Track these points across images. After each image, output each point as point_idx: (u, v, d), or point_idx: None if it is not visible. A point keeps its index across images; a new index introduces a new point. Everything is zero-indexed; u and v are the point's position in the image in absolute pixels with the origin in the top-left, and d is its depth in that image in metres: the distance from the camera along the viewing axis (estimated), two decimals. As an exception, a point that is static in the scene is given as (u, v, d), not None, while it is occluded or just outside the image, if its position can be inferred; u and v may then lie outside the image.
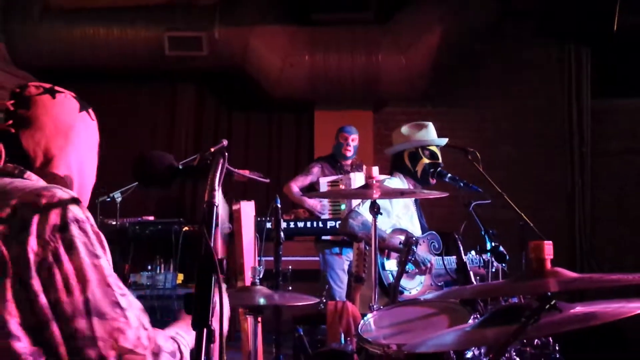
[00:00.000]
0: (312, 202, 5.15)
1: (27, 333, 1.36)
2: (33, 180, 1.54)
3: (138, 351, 1.41)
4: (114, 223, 4.65)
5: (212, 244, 1.36)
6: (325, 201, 5.17)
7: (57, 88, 1.65)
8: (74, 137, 1.62)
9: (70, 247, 1.40)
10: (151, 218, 5.19)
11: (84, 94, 1.72)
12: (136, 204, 5.11)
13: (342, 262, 4.99)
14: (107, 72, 6.76)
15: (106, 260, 1.46)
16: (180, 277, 5.03)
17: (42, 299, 1.36)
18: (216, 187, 1.43)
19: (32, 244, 1.37)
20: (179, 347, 1.55)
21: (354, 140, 5.32)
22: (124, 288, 1.47)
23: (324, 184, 5.13)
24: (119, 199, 4.47)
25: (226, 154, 1.54)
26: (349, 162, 5.38)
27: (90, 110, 1.71)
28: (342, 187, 4.97)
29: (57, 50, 6.41)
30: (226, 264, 1.40)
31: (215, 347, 1.37)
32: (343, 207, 5.04)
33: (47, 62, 6.52)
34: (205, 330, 1.28)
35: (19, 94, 1.60)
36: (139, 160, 1.61)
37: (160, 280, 4.87)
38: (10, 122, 1.58)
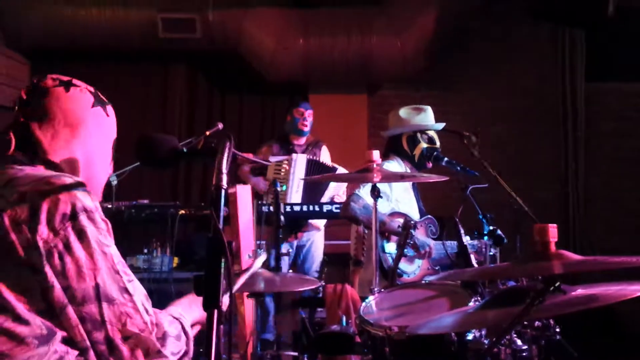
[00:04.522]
0: (255, 180, 4.92)
1: (37, 317, 1.38)
2: (41, 169, 1.56)
3: (144, 335, 1.46)
4: (110, 206, 4.62)
5: (220, 226, 1.36)
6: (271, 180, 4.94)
7: (74, 81, 1.68)
8: (83, 131, 1.64)
9: (81, 235, 1.43)
10: (146, 201, 5.17)
11: (76, 75, 1.73)
12: (131, 187, 5.08)
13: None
14: (99, 53, 6.68)
15: (114, 248, 1.49)
16: (176, 260, 5.03)
17: (57, 286, 1.39)
18: (224, 170, 1.43)
19: (42, 231, 1.39)
20: (183, 328, 1.58)
21: (310, 115, 5.18)
22: (130, 274, 1.52)
23: (271, 165, 4.93)
24: (115, 182, 4.42)
25: (232, 137, 1.54)
26: (302, 141, 5.24)
27: (107, 107, 1.73)
28: (286, 167, 4.84)
29: (49, 31, 6.32)
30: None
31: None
32: (284, 188, 4.85)
33: (39, 43, 6.44)
34: (215, 311, 1.28)
35: (35, 84, 1.63)
36: (142, 141, 1.61)
37: (156, 263, 4.86)
38: (21, 110, 1.61)
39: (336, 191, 4.97)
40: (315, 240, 5.02)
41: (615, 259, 1.52)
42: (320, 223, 5.03)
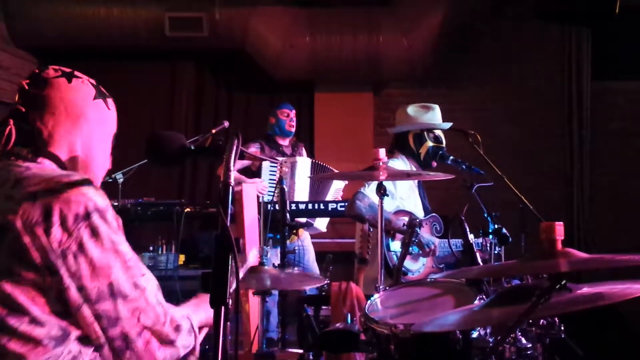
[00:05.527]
0: (251, 181, 4.85)
1: (52, 318, 1.39)
2: (47, 166, 1.55)
3: (157, 327, 1.49)
4: (116, 204, 4.63)
5: (227, 223, 1.38)
6: (266, 181, 4.90)
7: (76, 73, 1.66)
8: (84, 123, 1.63)
9: (94, 235, 1.44)
10: (152, 199, 5.18)
11: (83, 73, 1.72)
12: (137, 185, 5.09)
13: None
14: (107, 52, 6.71)
15: (126, 244, 1.50)
16: (182, 258, 5.04)
17: (72, 286, 1.40)
18: (232, 168, 1.45)
19: (56, 233, 1.39)
20: (192, 325, 1.60)
21: (294, 115, 5.22)
22: (143, 267, 1.53)
23: (266, 166, 4.95)
24: (121, 180, 4.44)
25: (240, 135, 1.56)
26: (287, 141, 5.27)
27: (108, 100, 1.72)
28: (285, 169, 4.83)
29: (57, 30, 6.35)
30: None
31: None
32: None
33: (47, 42, 6.47)
34: (222, 308, 1.30)
35: (36, 74, 1.62)
36: (152, 139, 1.63)
37: (162, 261, 4.88)
38: (22, 100, 1.60)
39: (336, 194, 5.07)
40: (306, 240, 5.07)
41: (621, 257, 1.52)
42: (322, 226, 5.06)
